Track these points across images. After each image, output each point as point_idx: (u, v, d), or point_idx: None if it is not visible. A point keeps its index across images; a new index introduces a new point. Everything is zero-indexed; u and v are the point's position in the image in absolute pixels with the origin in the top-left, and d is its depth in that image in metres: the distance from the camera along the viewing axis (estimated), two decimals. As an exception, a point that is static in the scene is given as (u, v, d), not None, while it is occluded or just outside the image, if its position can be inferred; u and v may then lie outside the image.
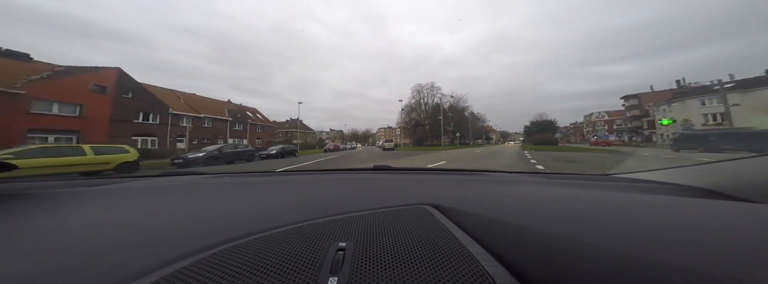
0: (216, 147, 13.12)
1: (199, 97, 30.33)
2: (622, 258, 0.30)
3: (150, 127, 20.93)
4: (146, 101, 20.75)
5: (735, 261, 0.27)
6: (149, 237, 0.48)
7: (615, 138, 57.34)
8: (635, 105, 48.61)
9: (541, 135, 46.73)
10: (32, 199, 0.76)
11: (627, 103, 51.41)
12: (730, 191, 0.67)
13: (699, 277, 0.25)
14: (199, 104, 27.56)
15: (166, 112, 22.19)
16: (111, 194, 0.86)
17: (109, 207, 0.72)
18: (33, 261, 0.39)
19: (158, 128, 21.52)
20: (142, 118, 20.43)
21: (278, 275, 0.33)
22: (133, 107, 19.61)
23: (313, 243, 0.42)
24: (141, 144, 19.69)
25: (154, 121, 21.27)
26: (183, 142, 23.06)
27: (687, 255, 0.29)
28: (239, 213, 0.64)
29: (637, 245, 0.32)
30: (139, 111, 20.16)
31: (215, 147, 13.27)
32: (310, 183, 1.04)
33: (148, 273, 0.34)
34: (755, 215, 0.42)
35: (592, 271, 0.30)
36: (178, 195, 0.85)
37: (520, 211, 0.53)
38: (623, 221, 0.42)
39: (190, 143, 19.80)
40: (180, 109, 24.15)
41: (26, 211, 0.65)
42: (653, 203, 0.53)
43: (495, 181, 1.08)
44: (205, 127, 26.61)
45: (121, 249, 0.42)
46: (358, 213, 0.59)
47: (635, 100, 48.84)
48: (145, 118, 20.70)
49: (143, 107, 20.44)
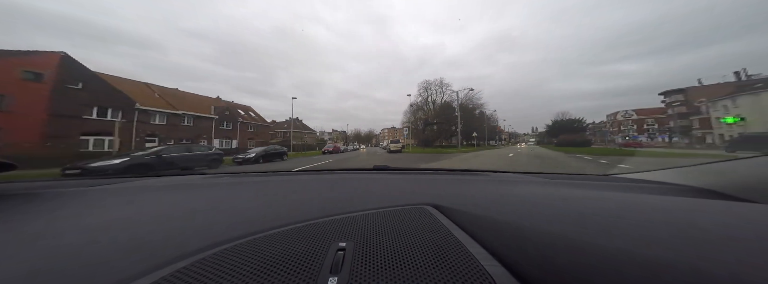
0: (152, 151, 9.40)
1: (182, 92, 27.07)
2: (622, 258, 0.30)
3: (108, 124, 17.54)
4: (103, 93, 17.36)
5: (735, 261, 0.27)
6: (149, 237, 0.48)
7: (645, 139, 51.28)
8: (680, 101, 42.48)
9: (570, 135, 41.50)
10: (33, 199, 0.76)
11: (669, 100, 45.21)
12: (730, 191, 0.67)
13: (699, 277, 0.25)
14: (180, 100, 24.23)
15: (131, 107, 18.81)
16: (111, 194, 0.86)
17: (109, 207, 0.72)
18: (33, 261, 0.39)
19: (121, 126, 18.13)
20: (96, 113, 17.05)
21: (278, 275, 0.33)
22: (82, 100, 16.20)
23: (313, 243, 0.42)
24: (93, 146, 16.32)
25: (113, 118, 17.91)
26: (155, 142, 19.74)
27: (687, 255, 0.29)
28: (239, 213, 0.65)
29: (637, 245, 0.32)
30: (92, 105, 16.76)
31: (150, 150, 9.62)
32: (310, 183, 1.04)
33: (148, 273, 0.34)
34: (755, 215, 0.43)
35: (592, 271, 0.30)
36: (178, 195, 0.86)
37: (520, 211, 0.53)
38: (623, 221, 0.42)
39: (121, 145, 15.84)
40: (153, 104, 20.82)
41: (27, 211, 0.65)
42: (653, 203, 0.54)
43: (495, 181, 1.08)
44: (184, 125, 23.25)
45: (121, 249, 0.43)
46: (358, 213, 0.59)
47: (680, 95, 42.67)
48: (102, 113, 17.33)
49: (98, 101, 17.06)
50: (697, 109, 37.84)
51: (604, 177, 1.13)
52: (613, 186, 0.90)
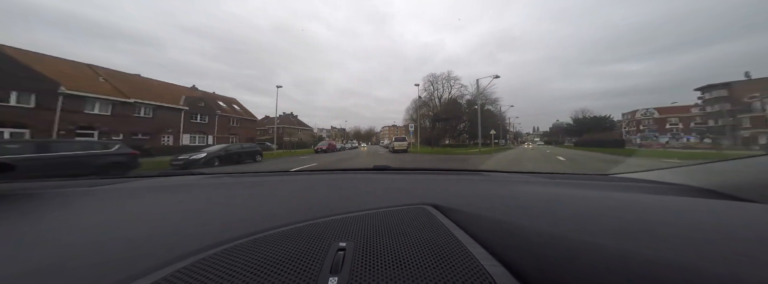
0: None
1: (146, 79, 22.81)
2: (621, 258, 0.30)
3: (15, 112, 13.20)
4: (7, 73, 13.00)
5: (735, 261, 0.27)
6: (149, 237, 0.48)
7: (669, 139, 46.14)
8: (723, 97, 37.31)
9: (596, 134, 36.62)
10: (33, 199, 0.76)
11: (708, 96, 40.05)
12: (730, 191, 0.67)
13: (699, 276, 0.25)
14: (137, 87, 19.92)
15: (52, 91, 14.45)
16: (111, 194, 0.87)
17: (110, 207, 0.72)
18: (34, 261, 0.39)
19: (35, 115, 13.80)
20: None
21: (278, 275, 0.33)
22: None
23: (313, 243, 0.42)
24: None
25: (25, 104, 13.59)
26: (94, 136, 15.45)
27: (686, 255, 0.29)
28: (239, 213, 0.65)
29: (637, 245, 0.32)
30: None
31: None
32: (310, 183, 1.03)
33: (148, 273, 0.34)
34: (755, 215, 0.43)
35: (592, 271, 0.30)
36: (178, 195, 0.86)
37: (520, 211, 0.53)
38: (623, 221, 0.42)
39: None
40: (93, 89, 16.50)
41: (27, 211, 0.65)
42: (653, 203, 0.53)
43: (495, 181, 1.08)
44: (138, 117, 18.96)
45: (121, 249, 0.43)
46: (359, 213, 0.59)
47: (724, 90, 37.43)
48: (3, 98, 13.00)
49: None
50: (748, 106, 32.76)
51: (604, 177, 1.14)
52: (613, 186, 0.90)
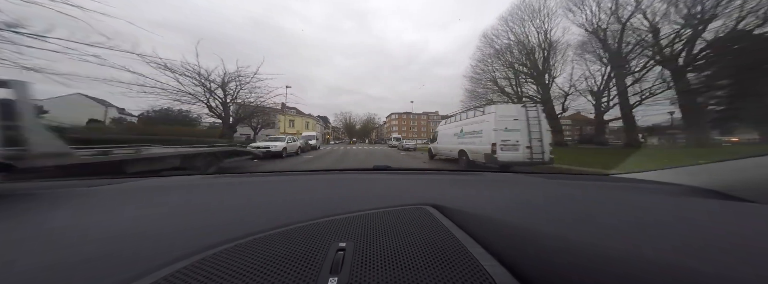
0: None
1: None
2: (621, 258, 0.30)
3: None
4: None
5: (735, 260, 0.27)
6: (149, 237, 0.48)
7: None
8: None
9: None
10: (33, 200, 0.76)
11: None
12: (730, 191, 0.68)
13: (698, 276, 0.25)
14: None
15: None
16: (111, 194, 0.86)
17: (110, 207, 0.72)
18: (34, 261, 0.39)
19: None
20: None
21: (278, 275, 0.33)
22: None
23: (313, 243, 0.42)
24: None
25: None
26: None
27: (686, 254, 0.29)
28: (239, 213, 0.64)
29: (637, 244, 0.32)
30: None
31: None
32: (310, 183, 1.03)
33: (148, 273, 0.35)
34: (755, 215, 0.43)
35: (592, 271, 0.30)
36: (178, 195, 0.86)
37: (520, 211, 0.54)
38: (623, 221, 0.43)
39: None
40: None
41: (27, 212, 0.65)
42: (653, 203, 0.54)
43: (495, 181, 1.08)
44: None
45: (121, 250, 0.43)
46: (358, 213, 0.59)
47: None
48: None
49: None
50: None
51: (604, 177, 1.13)
52: (613, 186, 0.89)
